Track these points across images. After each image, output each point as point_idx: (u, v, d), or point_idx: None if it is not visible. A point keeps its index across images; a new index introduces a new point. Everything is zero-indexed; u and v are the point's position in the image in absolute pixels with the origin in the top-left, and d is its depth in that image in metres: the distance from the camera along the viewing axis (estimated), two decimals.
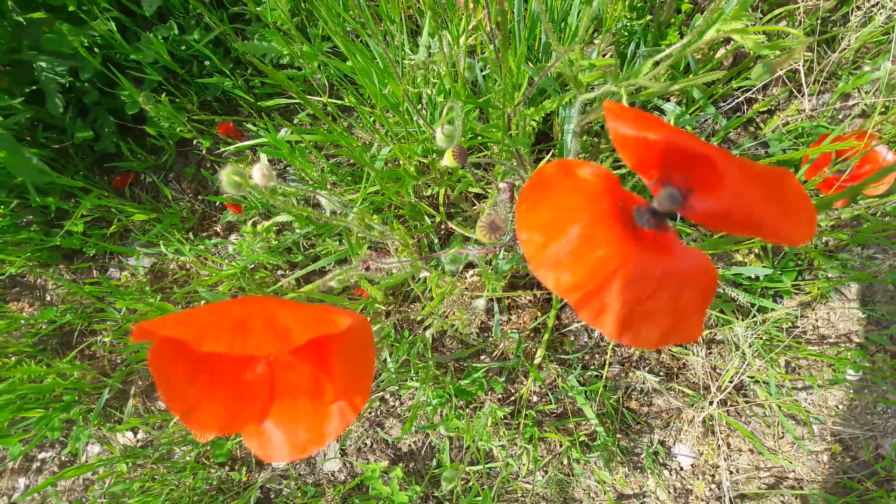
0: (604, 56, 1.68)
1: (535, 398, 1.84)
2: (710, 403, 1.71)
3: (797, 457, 1.71)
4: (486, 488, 1.68)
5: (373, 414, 1.89)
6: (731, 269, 1.63)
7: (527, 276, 1.82)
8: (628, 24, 1.64)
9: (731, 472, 1.74)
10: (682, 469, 1.77)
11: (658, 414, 1.80)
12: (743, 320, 1.64)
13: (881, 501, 1.60)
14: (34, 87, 1.97)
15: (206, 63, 2.11)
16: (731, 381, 1.68)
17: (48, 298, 2.20)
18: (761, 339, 1.67)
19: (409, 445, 1.88)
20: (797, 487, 1.70)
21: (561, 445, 1.79)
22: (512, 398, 1.82)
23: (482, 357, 1.86)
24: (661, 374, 1.79)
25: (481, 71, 1.60)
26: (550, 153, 1.62)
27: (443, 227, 1.88)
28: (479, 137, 1.55)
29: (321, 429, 0.56)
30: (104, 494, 1.85)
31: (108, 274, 2.16)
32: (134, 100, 2.00)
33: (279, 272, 1.98)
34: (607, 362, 1.76)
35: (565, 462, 1.80)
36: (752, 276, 1.67)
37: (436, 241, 1.84)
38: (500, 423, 1.73)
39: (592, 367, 1.80)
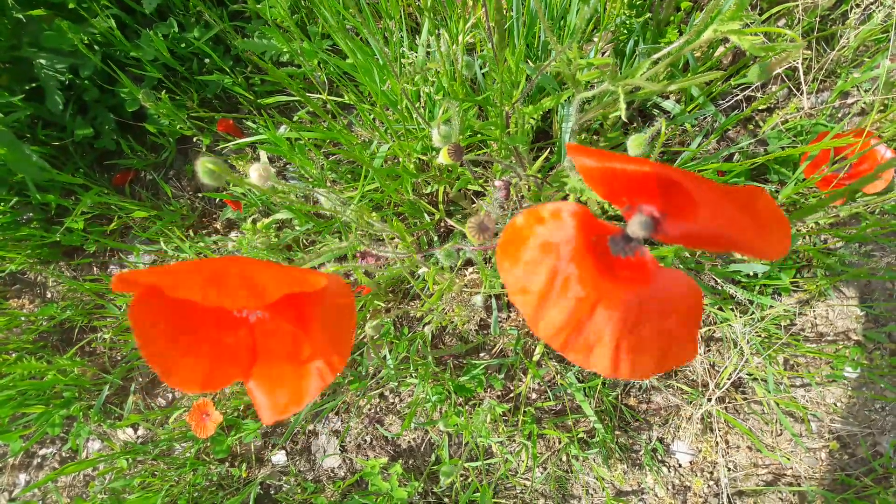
0: (602, 54, 1.69)
1: (533, 395, 1.84)
2: (709, 400, 1.71)
3: (795, 454, 1.72)
4: (485, 484, 1.69)
5: (372, 411, 1.90)
6: (729, 266, 1.63)
7: None
8: (627, 21, 1.64)
9: (729, 469, 1.74)
10: (680, 466, 1.78)
11: (656, 411, 1.81)
12: (741, 317, 1.64)
13: (879, 498, 1.60)
14: (34, 85, 1.97)
15: (206, 61, 2.11)
16: (729, 378, 1.68)
17: (48, 295, 2.21)
18: (759, 336, 1.68)
19: (409, 442, 1.88)
20: (795, 484, 1.71)
21: (560, 442, 1.79)
22: (511, 395, 1.83)
23: (481, 354, 1.87)
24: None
25: (480, 69, 1.60)
26: (548, 150, 1.62)
27: (442, 224, 1.88)
28: (478, 135, 1.55)
29: (299, 389, 0.57)
30: (104, 490, 1.86)
31: (109, 271, 2.17)
32: (134, 97, 2.01)
33: None
34: None
35: (564, 459, 1.81)
36: (751, 273, 1.67)
37: (435, 238, 1.84)
38: (498, 419, 1.73)
39: None
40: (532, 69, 1.30)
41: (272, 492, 1.93)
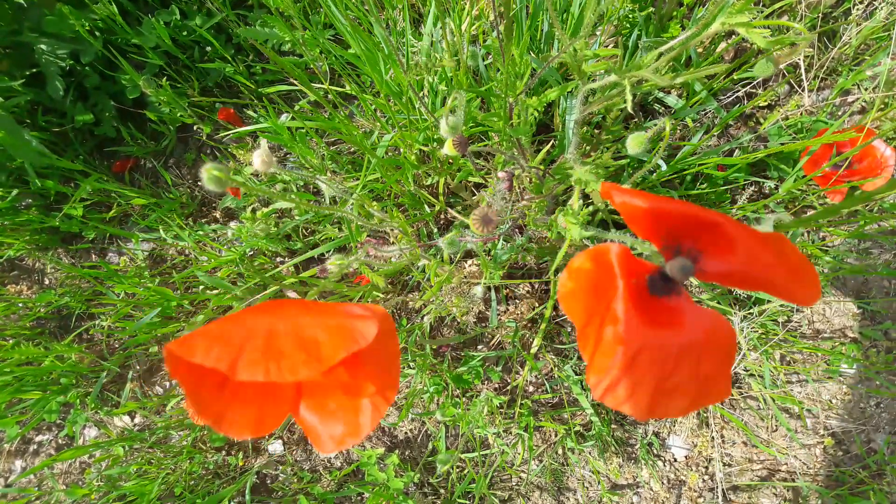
0: (605, 48, 1.69)
1: (531, 388, 1.85)
2: None
3: (790, 450, 1.73)
4: (481, 475, 1.69)
5: None
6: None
7: (524, 266, 1.83)
8: (630, 14, 1.64)
9: (724, 464, 1.75)
10: (675, 460, 1.79)
11: None
12: (739, 312, 1.65)
13: (876, 494, 1.61)
14: (35, 70, 1.97)
15: (208, 49, 2.10)
16: None
17: (47, 282, 2.20)
18: (757, 332, 1.68)
19: (406, 433, 1.89)
20: (790, 480, 1.72)
21: (556, 435, 1.80)
22: (508, 387, 1.83)
23: (479, 346, 1.87)
24: None
25: (483, 60, 1.60)
26: (550, 143, 1.63)
27: (442, 216, 1.88)
28: (480, 126, 1.55)
29: (356, 422, 0.57)
30: (101, 477, 1.86)
31: (107, 258, 2.16)
32: (135, 84, 2.00)
33: (278, 259, 1.98)
34: None
35: (560, 451, 1.82)
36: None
37: (435, 230, 1.84)
38: (495, 411, 1.74)
39: None
40: (536, 61, 1.30)
41: (268, 481, 1.93)
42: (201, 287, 1.91)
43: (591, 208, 1.45)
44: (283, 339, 0.52)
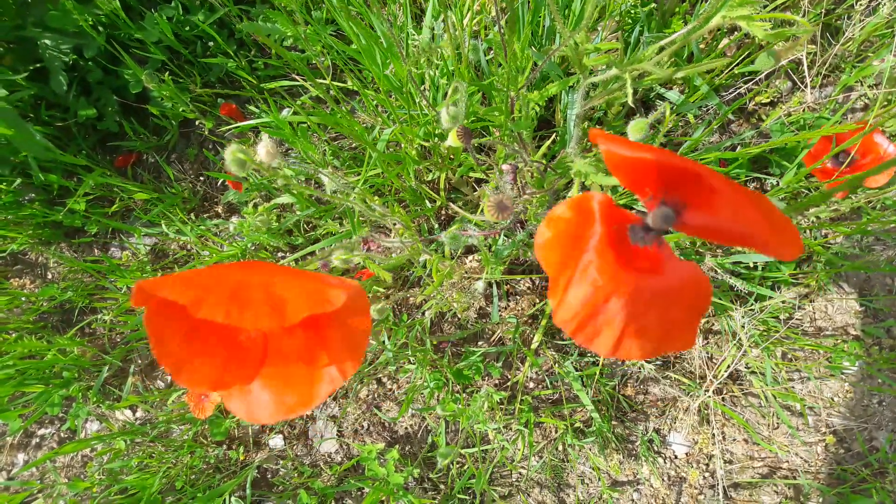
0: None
1: (531, 384, 1.85)
2: (706, 392, 1.72)
3: (792, 447, 1.73)
4: (481, 471, 1.69)
5: (370, 397, 1.90)
6: (729, 258, 1.63)
7: (525, 262, 1.82)
8: (632, 10, 1.64)
9: (725, 462, 1.75)
10: (676, 457, 1.78)
11: (654, 402, 1.81)
12: (741, 308, 1.65)
13: (874, 492, 1.61)
14: (38, 65, 1.97)
15: (210, 44, 2.11)
16: (727, 370, 1.69)
17: (49, 276, 2.21)
18: (758, 329, 1.68)
19: (406, 428, 1.89)
20: (791, 477, 1.71)
21: (556, 431, 1.80)
22: (508, 383, 1.83)
23: (479, 342, 1.87)
24: (658, 361, 1.80)
25: (484, 55, 1.60)
26: (552, 138, 1.62)
27: (443, 212, 1.88)
28: (481, 121, 1.55)
29: (310, 392, 0.57)
30: (102, 471, 1.87)
31: (110, 253, 2.17)
32: (137, 79, 2.01)
33: (279, 254, 1.99)
34: None
35: (560, 448, 1.81)
36: (751, 265, 1.68)
37: (436, 226, 1.84)
38: (496, 407, 1.74)
39: (589, 354, 1.81)
40: (537, 55, 1.30)
41: (269, 476, 1.94)
42: None
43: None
44: (252, 290, 0.53)
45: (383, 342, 1.70)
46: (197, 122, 2.17)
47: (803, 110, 1.74)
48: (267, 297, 0.53)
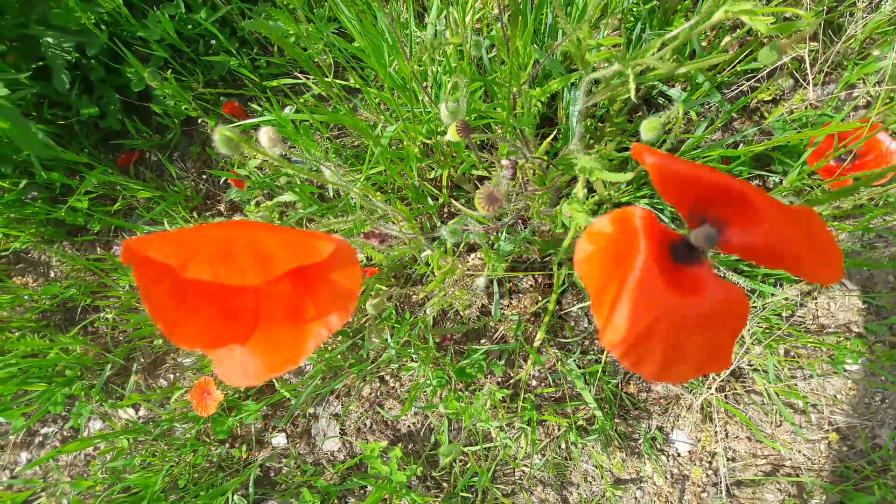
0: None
1: (534, 382, 1.85)
2: (709, 389, 1.71)
3: (795, 445, 1.72)
4: (483, 469, 1.69)
5: (373, 395, 1.91)
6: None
7: (528, 259, 1.82)
8: (634, 7, 1.64)
9: (728, 459, 1.75)
10: (679, 455, 1.78)
11: (657, 400, 1.81)
12: None
13: (877, 489, 1.60)
14: (41, 63, 1.97)
15: (213, 42, 2.11)
16: (730, 366, 1.68)
17: (52, 274, 2.21)
18: (761, 326, 1.68)
19: (408, 426, 1.89)
20: (794, 475, 1.71)
21: (559, 429, 1.80)
22: (511, 381, 1.83)
23: (482, 340, 1.87)
24: None
25: (487, 52, 1.60)
26: (553, 135, 1.62)
27: (446, 209, 1.88)
28: (484, 118, 1.55)
29: (297, 349, 0.57)
30: (105, 469, 1.87)
31: (112, 251, 2.17)
32: (140, 77, 2.01)
33: None
34: None
35: (563, 446, 1.81)
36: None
37: (438, 223, 1.84)
38: (498, 405, 1.74)
39: (592, 352, 1.81)
40: (540, 52, 1.30)
41: (272, 474, 1.94)
42: None
43: (595, 198, 1.45)
44: (238, 246, 0.53)
45: (386, 340, 1.71)
46: (199, 121, 2.17)
47: (806, 108, 1.74)
48: (253, 252, 0.53)
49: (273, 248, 0.53)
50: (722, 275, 1.65)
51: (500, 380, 1.85)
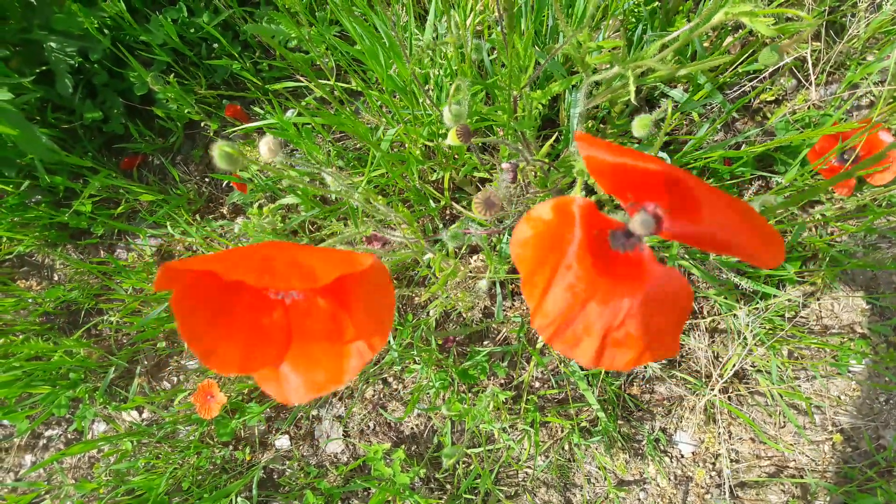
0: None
1: (536, 383, 1.85)
2: (712, 391, 1.71)
3: (798, 446, 1.72)
4: (487, 470, 1.69)
5: (375, 397, 1.91)
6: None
7: None
8: (635, 8, 1.64)
9: (731, 461, 1.75)
10: (682, 456, 1.78)
11: (660, 401, 1.81)
12: (745, 307, 1.64)
13: (881, 491, 1.60)
14: (44, 68, 1.98)
15: (215, 46, 2.12)
16: (732, 369, 1.68)
17: (56, 278, 2.22)
18: (764, 328, 1.68)
19: (412, 428, 1.89)
20: (798, 476, 1.71)
21: (562, 430, 1.80)
22: (514, 383, 1.83)
23: (485, 342, 1.87)
24: (663, 361, 1.80)
25: (488, 55, 1.60)
26: (555, 137, 1.62)
27: (447, 212, 1.88)
28: (485, 121, 1.55)
29: (339, 367, 0.58)
30: (109, 472, 1.88)
31: (116, 254, 2.18)
32: (143, 81, 2.02)
33: None
34: None
35: (566, 447, 1.81)
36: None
37: (440, 225, 1.84)
38: (501, 407, 1.74)
39: None
40: (540, 54, 1.30)
41: (275, 476, 1.94)
42: None
43: (594, 198, 1.45)
44: (279, 262, 0.54)
45: (389, 342, 1.71)
46: (202, 124, 2.18)
47: (808, 108, 1.74)
48: (295, 265, 0.54)
49: (313, 262, 0.54)
50: (724, 276, 1.65)
51: (502, 381, 1.85)
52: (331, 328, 0.59)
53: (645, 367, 1.79)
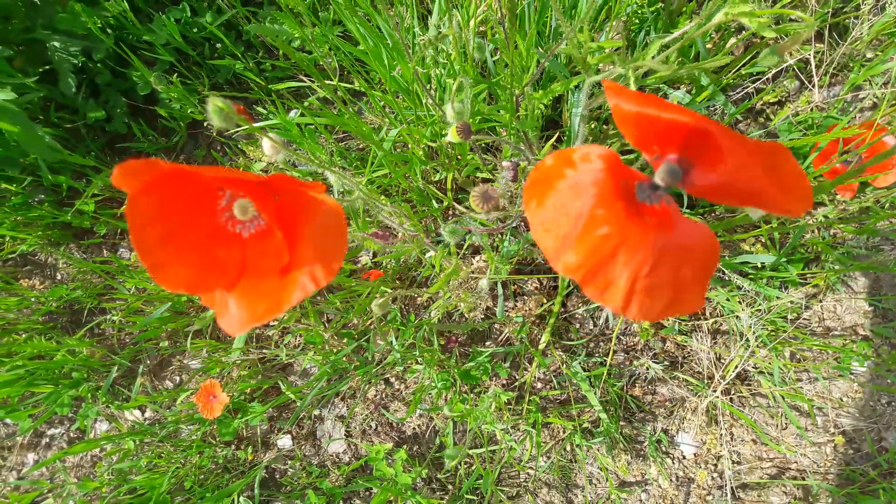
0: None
1: (538, 384, 1.85)
2: (714, 392, 1.71)
3: (800, 448, 1.72)
4: (488, 471, 1.69)
5: (378, 397, 1.91)
6: (737, 258, 1.63)
7: (533, 261, 1.82)
8: (639, 10, 1.64)
9: (733, 462, 1.74)
10: (684, 458, 1.78)
11: (662, 402, 1.81)
12: (748, 308, 1.64)
13: (883, 493, 1.60)
14: (48, 67, 1.99)
15: (218, 45, 2.12)
16: (734, 370, 1.68)
17: (59, 277, 2.23)
18: (766, 329, 1.67)
19: (413, 429, 1.89)
20: (800, 478, 1.71)
21: (564, 431, 1.80)
22: (516, 384, 1.83)
23: (487, 343, 1.87)
24: (666, 362, 1.80)
25: (491, 55, 1.60)
26: (557, 136, 1.63)
27: (450, 212, 1.88)
28: (488, 121, 1.55)
29: (280, 298, 0.58)
30: (111, 471, 1.88)
31: (119, 253, 2.18)
32: (146, 80, 2.02)
33: None
34: (612, 350, 1.77)
35: (568, 448, 1.81)
36: (759, 265, 1.67)
37: (443, 225, 1.84)
38: (503, 407, 1.74)
39: (597, 355, 1.81)
40: (542, 54, 1.30)
41: (277, 475, 1.94)
42: None
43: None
44: (234, 172, 0.57)
45: (391, 342, 1.71)
46: (205, 124, 2.18)
47: (811, 110, 1.74)
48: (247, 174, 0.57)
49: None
50: (727, 278, 1.65)
51: (504, 382, 1.85)
52: (279, 261, 0.60)
53: (647, 368, 1.79)
